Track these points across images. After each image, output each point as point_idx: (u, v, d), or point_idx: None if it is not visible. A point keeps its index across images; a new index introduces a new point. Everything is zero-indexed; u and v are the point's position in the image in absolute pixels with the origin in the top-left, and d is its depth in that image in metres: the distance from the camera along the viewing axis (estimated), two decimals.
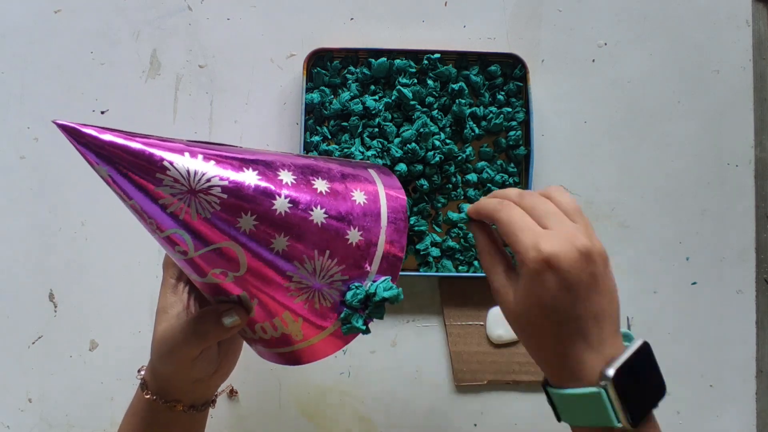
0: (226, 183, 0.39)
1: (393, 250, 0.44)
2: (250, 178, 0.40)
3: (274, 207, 0.40)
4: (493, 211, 0.47)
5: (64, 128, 0.36)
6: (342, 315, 0.42)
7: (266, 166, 0.41)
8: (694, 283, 0.65)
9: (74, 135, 0.36)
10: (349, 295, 0.42)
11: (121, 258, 0.64)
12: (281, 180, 0.41)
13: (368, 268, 0.43)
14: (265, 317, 0.44)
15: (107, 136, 0.37)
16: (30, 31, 0.64)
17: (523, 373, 0.63)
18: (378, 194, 0.45)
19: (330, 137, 0.63)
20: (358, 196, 0.43)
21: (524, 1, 0.65)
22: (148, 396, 0.47)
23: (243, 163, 0.40)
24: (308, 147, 0.63)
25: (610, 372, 0.41)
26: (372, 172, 0.47)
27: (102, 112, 0.64)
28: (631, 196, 0.65)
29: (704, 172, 0.65)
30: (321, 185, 0.42)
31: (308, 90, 0.63)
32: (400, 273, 0.62)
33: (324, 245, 0.41)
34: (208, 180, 0.39)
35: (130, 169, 0.37)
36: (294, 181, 0.41)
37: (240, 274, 0.41)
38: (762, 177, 0.66)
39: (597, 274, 0.43)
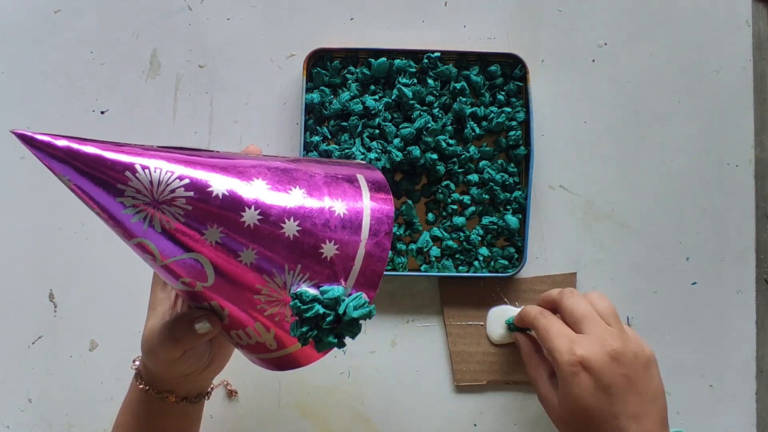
0: (191, 194, 0.38)
1: (372, 264, 0.41)
2: (217, 187, 0.38)
3: (242, 219, 0.38)
4: (533, 319, 0.53)
5: (21, 138, 0.36)
6: (311, 334, 0.40)
7: (238, 174, 0.39)
8: (694, 283, 0.65)
9: (30, 143, 0.36)
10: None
11: (121, 258, 0.63)
12: (253, 190, 0.39)
13: (343, 284, 0.41)
14: (237, 326, 0.43)
15: (62, 142, 0.36)
16: (30, 31, 0.64)
17: (523, 374, 0.63)
18: (361, 203, 0.42)
19: (330, 137, 0.63)
20: (338, 207, 0.41)
21: (524, 1, 0.65)
22: (141, 386, 0.48)
23: (212, 171, 0.38)
24: (308, 147, 0.63)
25: None
26: (360, 177, 0.45)
27: (102, 112, 0.64)
28: (631, 196, 0.65)
29: (704, 172, 0.65)
30: (297, 195, 0.40)
31: (308, 90, 0.63)
32: (401, 273, 0.62)
33: (296, 259, 0.39)
34: (172, 191, 0.37)
35: (92, 179, 0.37)
36: (267, 191, 0.39)
37: (208, 285, 0.40)
38: (762, 177, 0.66)
39: (631, 375, 0.47)
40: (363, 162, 0.49)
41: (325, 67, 0.63)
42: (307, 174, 0.42)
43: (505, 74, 0.64)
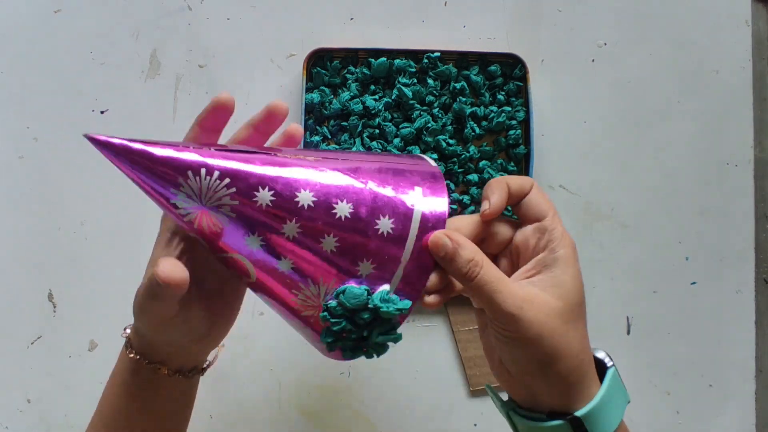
0: (236, 203, 0.39)
1: (406, 288, 0.41)
2: (263, 198, 0.39)
3: (282, 230, 0.39)
4: (529, 185, 0.42)
5: (94, 141, 0.39)
6: (337, 344, 0.41)
7: (285, 185, 0.40)
8: (694, 283, 0.65)
9: (98, 143, 0.39)
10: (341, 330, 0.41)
11: (121, 258, 0.64)
12: (297, 202, 0.40)
13: None
14: (287, 317, 0.44)
15: (137, 146, 0.39)
16: (30, 31, 0.64)
17: None
18: (409, 225, 0.41)
19: (330, 137, 0.63)
20: (384, 225, 0.40)
21: (524, 1, 0.65)
22: (131, 355, 0.45)
23: (261, 181, 0.40)
24: (308, 147, 0.63)
25: (599, 354, 0.42)
26: (417, 191, 0.42)
27: (102, 112, 0.64)
28: (631, 196, 0.65)
29: (704, 172, 0.65)
30: (342, 210, 0.40)
31: (308, 90, 0.63)
32: None
33: (331, 273, 0.40)
34: (219, 199, 0.39)
35: (149, 176, 0.39)
36: (312, 204, 0.40)
37: (252, 280, 0.41)
38: (762, 177, 0.66)
39: None
40: (430, 162, 0.45)
41: (325, 67, 0.63)
42: (360, 186, 0.41)
43: (505, 74, 0.64)
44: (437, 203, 0.42)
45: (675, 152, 0.65)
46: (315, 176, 0.41)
